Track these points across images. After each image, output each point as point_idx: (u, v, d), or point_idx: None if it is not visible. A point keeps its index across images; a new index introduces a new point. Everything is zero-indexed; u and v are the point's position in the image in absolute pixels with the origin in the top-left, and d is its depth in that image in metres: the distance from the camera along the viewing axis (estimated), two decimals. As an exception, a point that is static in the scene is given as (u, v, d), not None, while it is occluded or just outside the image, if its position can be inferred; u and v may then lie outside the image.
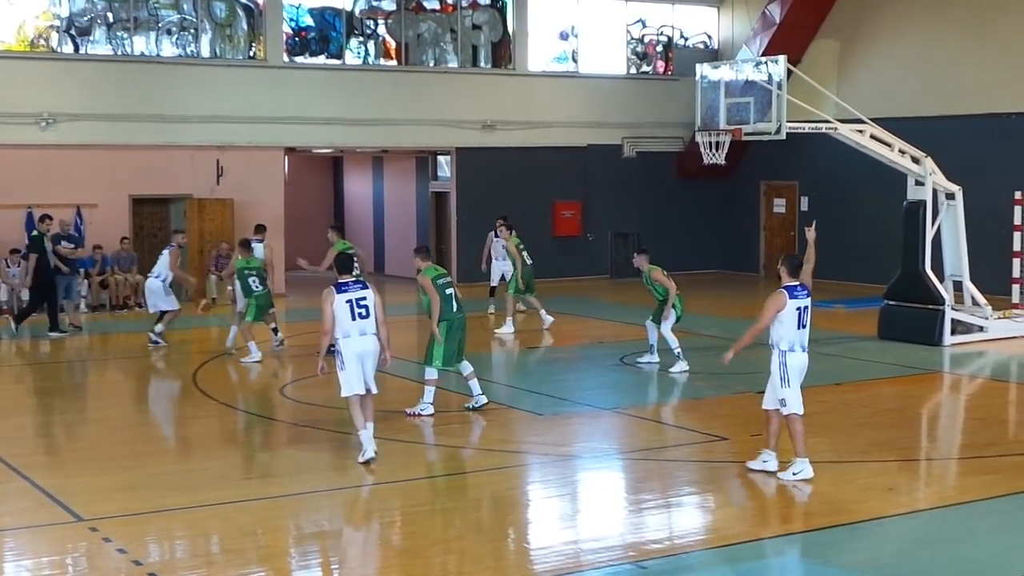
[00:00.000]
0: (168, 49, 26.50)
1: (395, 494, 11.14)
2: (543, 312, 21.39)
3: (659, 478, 11.72)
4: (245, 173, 26.50)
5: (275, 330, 19.36)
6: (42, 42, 25.43)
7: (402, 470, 11.86)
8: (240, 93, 26.61)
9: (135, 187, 25.60)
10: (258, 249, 19.67)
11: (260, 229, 21.15)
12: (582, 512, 10.88)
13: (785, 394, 11.34)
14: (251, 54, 27.39)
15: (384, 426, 13.63)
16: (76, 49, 25.68)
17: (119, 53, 25.96)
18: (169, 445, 13.49)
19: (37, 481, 11.32)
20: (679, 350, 17.37)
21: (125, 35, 25.99)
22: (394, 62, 28.95)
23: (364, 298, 12.14)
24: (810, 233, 12.84)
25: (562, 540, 9.84)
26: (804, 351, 11.41)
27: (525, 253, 21.50)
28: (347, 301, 12.05)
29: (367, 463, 11.87)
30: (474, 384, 14.51)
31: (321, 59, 28.23)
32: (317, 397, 15.91)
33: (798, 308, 11.32)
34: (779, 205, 30.77)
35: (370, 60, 28.80)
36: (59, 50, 25.44)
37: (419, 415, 14.15)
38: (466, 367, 14.50)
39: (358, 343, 12.05)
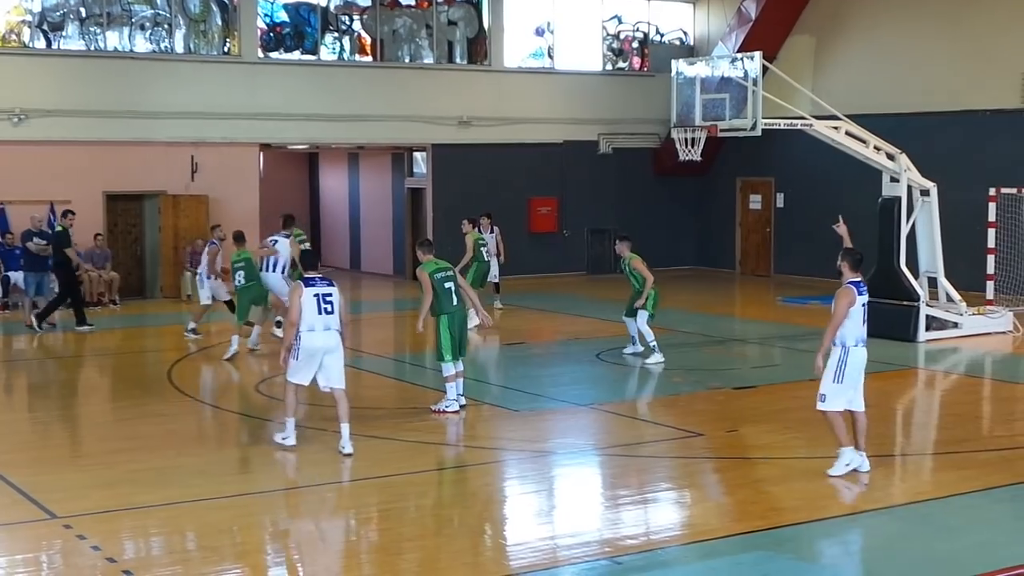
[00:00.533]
0: (141, 45, 26.36)
1: (371, 490, 11.12)
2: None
3: (635, 474, 11.74)
4: (220, 169, 26.40)
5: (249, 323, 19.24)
6: (14, 37, 25.26)
7: (378, 466, 11.85)
8: (214, 89, 26.50)
9: (109, 183, 25.46)
10: (283, 243, 19.11)
11: (289, 222, 20.04)
12: (558, 508, 10.88)
13: (829, 389, 11.26)
14: (225, 49, 27.28)
15: (360, 423, 13.59)
16: (48, 44, 25.53)
17: (92, 49, 25.81)
18: (144, 442, 13.39)
19: (10, 479, 11.24)
20: (654, 343, 17.43)
21: (98, 30, 25.84)
22: (369, 58, 28.89)
23: (330, 294, 12.34)
24: (841, 228, 12.84)
25: (538, 536, 9.84)
26: (864, 347, 11.38)
27: (484, 251, 21.81)
28: (315, 295, 12.24)
29: (284, 446, 12.34)
30: (459, 384, 14.35)
31: (296, 55, 28.15)
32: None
33: (863, 304, 11.33)
34: (755, 201, 30.85)
35: (345, 56, 28.73)
36: (31, 45, 25.28)
37: (443, 411, 14.10)
38: (448, 368, 14.33)
39: (320, 338, 12.24)
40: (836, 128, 19.86)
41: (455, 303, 14.15)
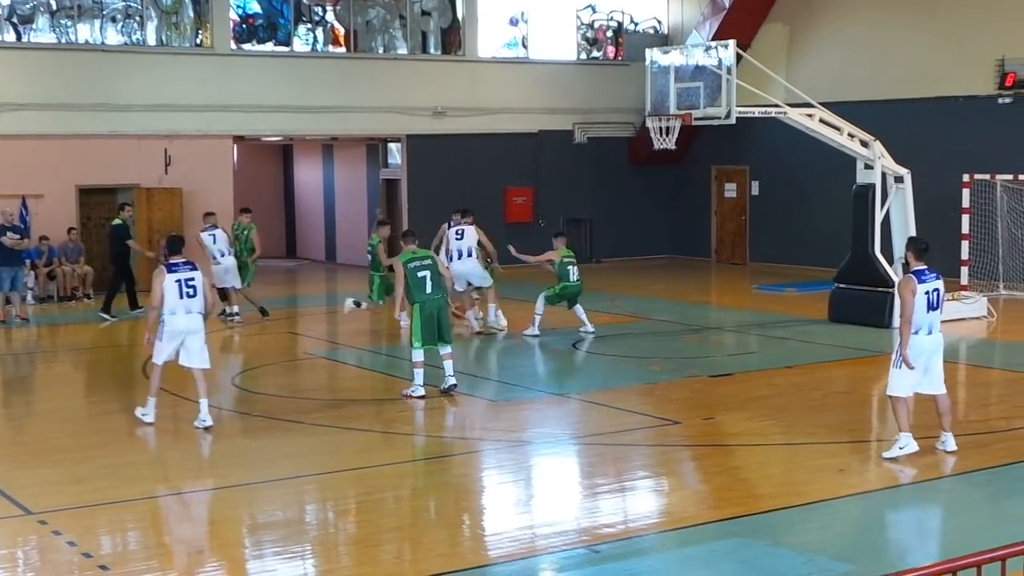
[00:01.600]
0: (113, 37, 26.20)
1: (349, 482, 11.10)
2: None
3: (612, 463, 11.75)
4: (193, 162, 26.27)
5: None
6: (-16, 30, 25.07)
7: (355, 458, 11.83)
8: (187, 81, 26.35)
9: (82, 177, 25.30)
10: (468, 231, 19.34)
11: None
12: (536, 498, 10.88)
13: (891, 375, 11.46)
14: (198, 41, 27.14)
15: (337, 414, 13.62)
16: (19, 37, 25.33)
17: (63, 41, 25.64)
18: (119, 437, 13.34)
19: (-16, 475, 11.19)
20: (538, 318, 18.49)
21: (69, 23, 25.68)
22: (343, 49, 28.79)
23: (192, 279, 13.07)
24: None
25: (516, 526, 9.84)
26: (931, 334, 11.42)
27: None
28: (176, 280, 12.98)
29: (145, 420, 13.12)
30: (448, 365, 14.54)
31: (269, 46, 28.03)
32: (268, 387, 15.84)
33: (927, 292, 11.35)
34: (730, 190, 30.90)
35: (319, 47, 28.63)
36: (1, 39, 25.09)
37: (410, 396, 14.23)
38: (445, 347, 14.54)
39: (183, 320, 13.01)
40: (810, 116, 19.91)
41: (428, 290, 14.21)
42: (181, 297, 12.98)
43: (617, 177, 31.32)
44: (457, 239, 19.20)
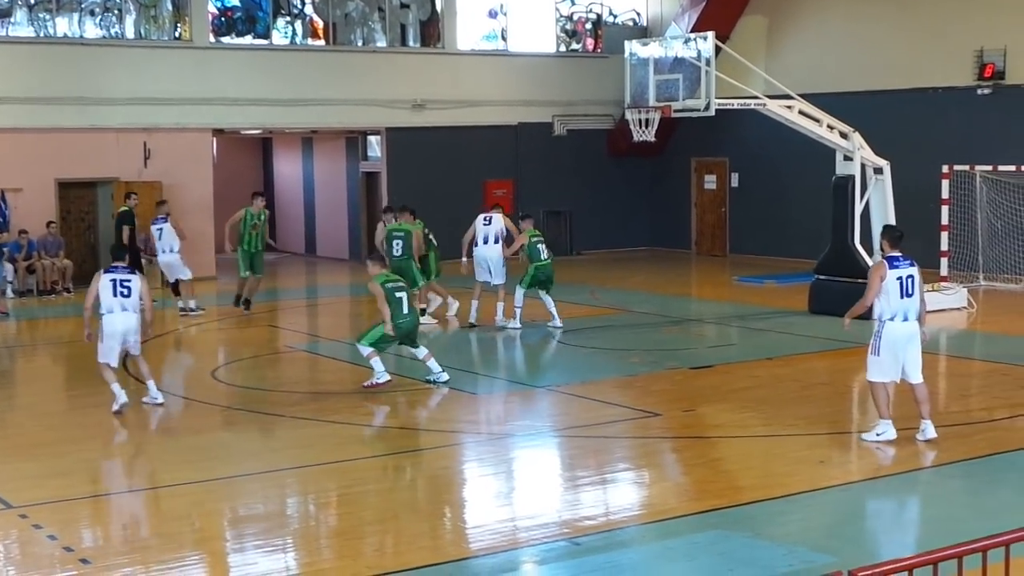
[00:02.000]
0: (92, 30, 26.08)
1: (329, 475, 11.10)
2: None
3: (593, 455, 11.77)
4: (173, 155, 26.18)
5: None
6: (-38, 24, 24.93)
7: (336, 451, 11.82)
8: (166, 74, 26.25)
9: (61, 170, 25.19)
10: (498, 218, 19.61)
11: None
12: (517, 490, 10.90)
13: (868, 361, 11.58)
14: (176, 35, 27.05)
15: (318, 407, 13.62)
16: (-3, 31, 25.21)
17: (41, 35, 25.52)
18: (100, 431, 13.30)
19: (-36, 470, 11.15)
20: (519, 310, 18.64)
21: (47, 16, 25.55)
22: (322, 42, 28.73)
23: (128, 280, 13.45)
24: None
25: (497, 518, 9.86)
26: (906, 320, 11.48)
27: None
28: (111, 280, 13.37)
29: (119, 412, 13.28)
30: (432, 364, 14.63)
31: (248, 39, 27.94)
32: (248, 380, 15.82)
33: (899, 278, 11.42)
34: (710, 181, 30.96)
35: (298, 40, 28.56)
36: (-21, 32, 24.97)
37: (376, 384, 14.29)
38: (420, 351, 14.69)
39: (120, 319, 13.37)
40: (789, 107, 19.94)
41: (406, 312, 14.38)
42: (115, 295, 13.33)
43: (597, 169, 31.34)
44: (485, 224, 19.47)
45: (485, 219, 19.61)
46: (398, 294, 14.37)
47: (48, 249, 24.31)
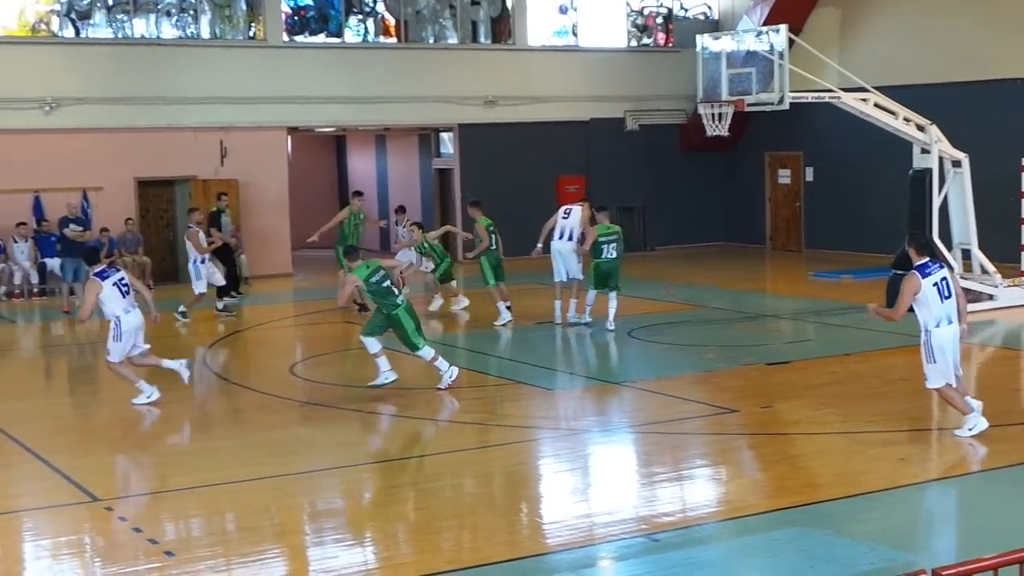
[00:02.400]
0: (168, 31, 26.45)
1: (407, 470, 11.19)
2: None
3: (670, 451, 11.74)
4: (248, 154, 26.48)
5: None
6: (43, 27, 25.39)
7: (412, 446, 11.92)
8: (241, 73, 26.57)
9: (140, 169, 25.58)
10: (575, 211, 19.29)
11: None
12: (593, 486, 10.90)
13: (927, 370, 11.53)
14: (251, 34, 27.34)
15: (394, 403, 13.71)
16: (77, 33, 25.64)
17: (119, 36, 25.92)
18: (181, 425, 13.53)
19: (53, 462, 11.37)
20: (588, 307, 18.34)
21: (125, 18, 25.94)
22: (394, 39, 28.89)
23: (123, 278, 13.79)
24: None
25: (574, 514, 9.86)
26: (951, 323, 11.43)
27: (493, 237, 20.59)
28: (113, 284, 13.59)
29: (151, 399, 13.72)
30: (440, 363, 14.39)
31: (321, 38, 28.18)
32: (327, 376, 15.96)
33: (935, 284, 11.36)
34: (784, 176, 30.71)
35: (370, 38, 28.75)
36: (60, 34, 25.41)
37: (385, 385, 14.16)
38: (427, 352, 14.37)
39: (135, 316, 13.75)
40: (865, 100, 19.74)
41: (398, 297, 14.20)
42: (124, 296, 13.66)
43: (669, 164, 31.22)
44: (564, 218, 19.07)
45: (565, 212, 19.28)
46: (384, 284, 14.12)
47: (128, 246, 24.70)
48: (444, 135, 30.12)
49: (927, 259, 11.46)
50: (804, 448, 11.82)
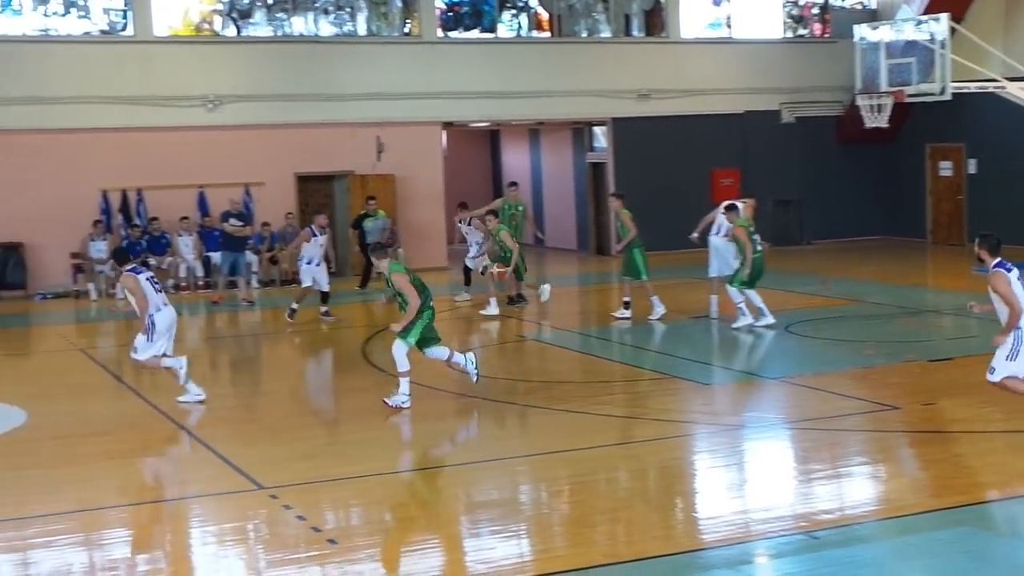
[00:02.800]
0: (326, 28, 26.99)
1: (561, 463, 11.22)
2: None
3: (828, 448, 11.57)
4: (404, 148, 26.86)
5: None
6: (206, 26, 26.15)
7: (568, 439, 11.94)
8: (396, 69, 26.96)
9: (299, 165, 26.18)
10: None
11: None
12: (750, 482, 10.80)
13: (999, 364, 11.48)
14: (406, 31, 27.72)
15: (550, 395, 13.80)
16: (238, 32, 26.35)
17: (279, 34, 26.53)
18: (341, 416, 13.81)
19: (219, 451, 11.72)
20: (742, 305, 17.63)
21: (284, 16, 26.56)
22: (547, 34, 28.99)
23: (153, 276, 13.82)
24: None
25: (731, 510, 9.78)
26: None
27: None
28: (147, 280, 13.55)
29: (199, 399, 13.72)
30: (458, 358, 13.88)
31: (475, 33, 28.43)
32: (482, 368, 16.08)
33: (1019, 279, 11.31)
34: (945, 168, 29.93)
35: (523, 32, 28.89)
36: (222, 33, 26.13)
37: (401, 408, 13.28)
38: (443, 351, 13.82)
39: (169, 313, 13.69)
40: (1032, 90, 19.19)
41: (430, 298, 13.58)
42: (157, 293, 13.62)
43: (826, 157, 30.72)
44: (722, 213, 18.75)
45: (727, 208, 18.75)
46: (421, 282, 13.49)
47: (288, 240, 25.22)
48: (597, 129, 30.11)
49: (1000, 259, 11.41)
50: (967, 447, 11.53)
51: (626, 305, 18.94)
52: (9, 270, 24.29)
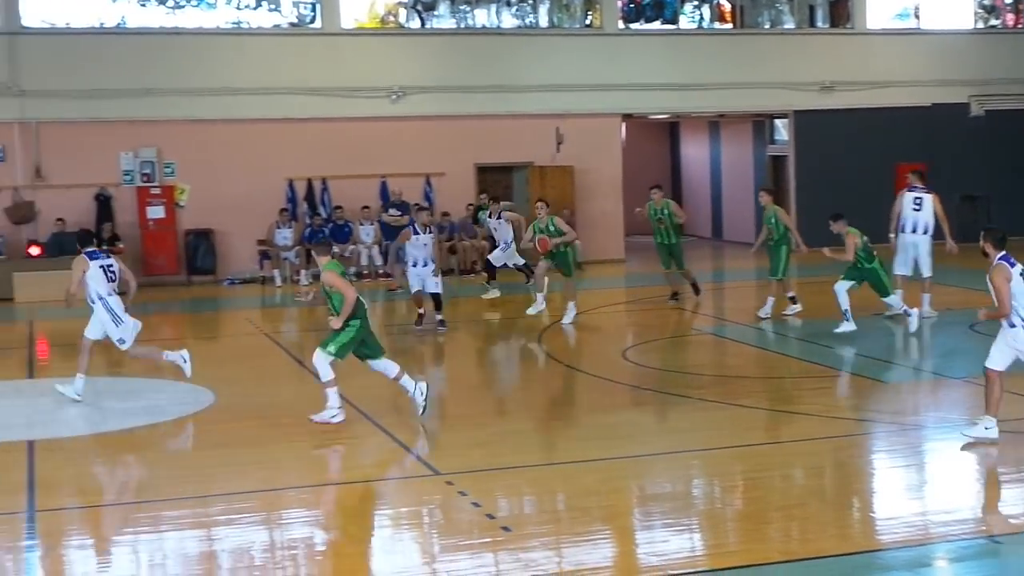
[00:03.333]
0: (508, 20, 27.23)
1: (735, 458, 11.14)
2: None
3: (1013, 450, 11.24)
4: (583, 140, 26.95)
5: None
6: (391, 19, 26.65)
7: (742, 435, 11.85)
8: (577, 61, 27.05)
9: (479, 155, 26.49)
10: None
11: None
12: (929, 483, 10.57)
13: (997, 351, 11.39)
14: (587, 23, 27.78)
15: (724, 390, 13.71)
16: (422, 24, 26.79)
17: (462, 26, 26.88)
18: (517, 405, 13.96)
19: (397, 437, 11.98)
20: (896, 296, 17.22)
21: (467, 8, 26.88)
22: (729, 25, 28.72)
23: (112, 265, 13.74)
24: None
25: (909, 511, 9.59)
26: None
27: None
28: (100, 267, 13.55)
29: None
30: (407, 383, 12.61)
31: (656, 25, 28.32)
32: (656, 361, 16.08)
33: (1021, 274, 10.97)
34: None
35: (705, 24, 28.67)
36: (407, 26, 26.59)
37: (330, 423, 12.41)
38: (391, 368, 12.64)
39: (118, 301, 13.62)
40: None
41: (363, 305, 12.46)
42: (108, 282, 13.61)
43: (1017, 151, 29.71)
44: (915, 209, 17.91)
45: (916, 201, 17.96)
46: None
47: (467, 231, 25.58)
48: (778, 122, 29.72)
49: (1004, 252, 11.03)
50: None
51: (792, 300, 18.67)
52: (200, 256, 25.17)
